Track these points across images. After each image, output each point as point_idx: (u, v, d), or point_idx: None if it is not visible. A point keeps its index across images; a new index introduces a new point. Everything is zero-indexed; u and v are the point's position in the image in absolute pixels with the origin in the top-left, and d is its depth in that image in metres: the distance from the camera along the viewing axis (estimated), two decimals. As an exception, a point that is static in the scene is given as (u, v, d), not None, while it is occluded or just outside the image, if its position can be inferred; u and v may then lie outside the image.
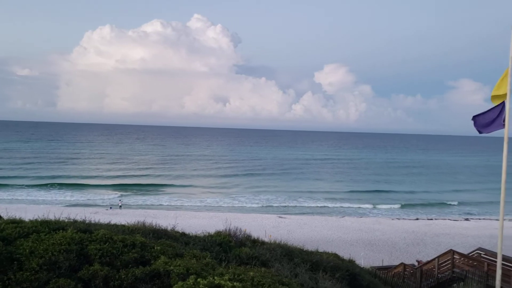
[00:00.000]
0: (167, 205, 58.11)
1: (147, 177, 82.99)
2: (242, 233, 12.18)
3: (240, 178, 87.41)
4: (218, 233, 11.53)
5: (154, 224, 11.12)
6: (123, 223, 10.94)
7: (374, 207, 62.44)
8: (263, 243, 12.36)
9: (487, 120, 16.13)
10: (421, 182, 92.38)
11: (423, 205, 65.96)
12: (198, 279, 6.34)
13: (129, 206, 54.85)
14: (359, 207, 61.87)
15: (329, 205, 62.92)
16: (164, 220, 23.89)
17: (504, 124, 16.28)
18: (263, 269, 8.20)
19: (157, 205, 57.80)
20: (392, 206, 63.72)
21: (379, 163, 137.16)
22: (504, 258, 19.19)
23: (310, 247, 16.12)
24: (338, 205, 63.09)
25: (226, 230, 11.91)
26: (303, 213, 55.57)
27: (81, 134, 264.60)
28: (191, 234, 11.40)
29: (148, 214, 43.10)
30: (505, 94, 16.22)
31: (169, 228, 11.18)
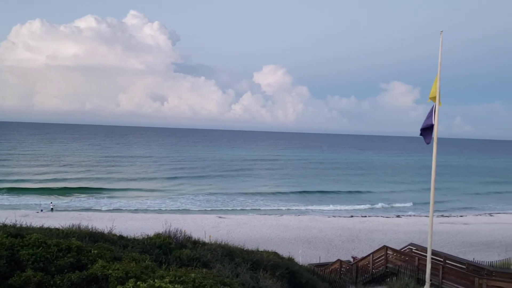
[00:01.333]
0: (103, 207, 56.22)
1: (82, 179, 79.89)
2: (182, 234, 12.06)
3: (179, 179, 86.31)
4: (157, 235, 11.35)
5: (90, 227, 10.78)
6: (56, 227, 10.50)
7: (313, 206, 63.51)
8: (204, 244, 12.30)
9: (425, 126, 17.07)
10: (356, 181, 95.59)
11: (369, 206, 67.21)
12: (138, 283, 6.22)
13: (61, 209, 52.59)
14: (298, 206, 62.88)
15: (269, 204, 63.67)
16: (100, 222, 23.13)
17: (433, 124, 17.21)
18: (204, 270, 8.17)
19: (92, 207, 55.79)
20: (330, 205, 64.95)
21: (317, 163, 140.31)
22: (434, 253, 20.30)
23: (250, 246, 16.22)
24: (277, 204, 63.97)
25: (166, 232, 11.75)
26: (243, 213, 55.85)
27: (8, 133, 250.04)
28: (129, 237, 11.14)
29: (83, 217, 41.53)
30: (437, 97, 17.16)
31: (106, 231, 10.86)
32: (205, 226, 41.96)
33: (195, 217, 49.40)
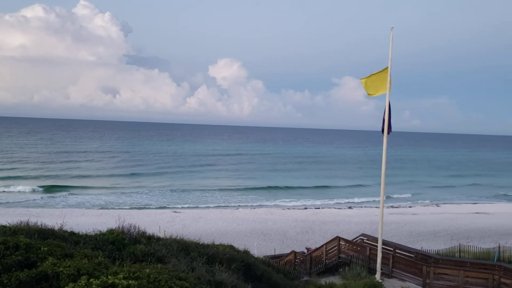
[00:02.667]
0: (54, 203, 54.41)
1: (31, 175, 76.97)
2: (136, 230, 11.90)
3: (134, 174, 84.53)
4: (110, 231, 11.14)
5: (39, 223, 10.44)
6: (3, 224, 10.12)
7: (276, 201, 62.47)
8: (158, 239, 12.20)
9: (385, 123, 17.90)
10: (321, 175, 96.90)
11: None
12: (91, 280, 6.11)
13: (8, 206, 50.50)
14: (259, 201, 62.27)
15: (227, 198, 63.45)
16: (50, 219, 22.43)
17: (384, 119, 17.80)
18: (159, 265, 8.12)
19: (43, 204, 53.85)
20: (297, 200, 63.86)
21: (276, 157, 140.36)
22: (384, 243, 21.03)
23: (206, 240, 16.21)
24: (236, 198, 63.77)
25: (119, 227, 11.55)
26: (199, 207, 55.55)
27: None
28: (81, 233, 10.88)
29: (31, 213, 40.12)
30: (380, 91, 17.77)
31: (56, 228, 10.56)
32: (160, 221, 41.49)
33: (150, 212, 48.74)
